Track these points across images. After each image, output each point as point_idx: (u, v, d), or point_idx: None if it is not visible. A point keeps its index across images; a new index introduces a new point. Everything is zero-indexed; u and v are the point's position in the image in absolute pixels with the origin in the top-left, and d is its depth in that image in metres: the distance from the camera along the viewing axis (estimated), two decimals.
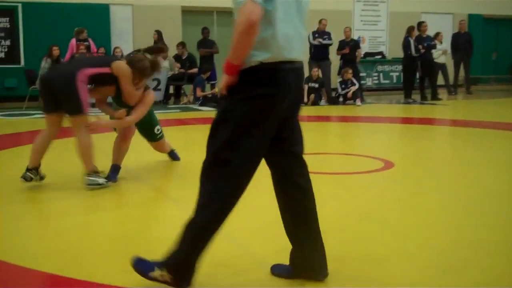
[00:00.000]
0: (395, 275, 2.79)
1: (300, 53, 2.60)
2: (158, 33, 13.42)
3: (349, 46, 13.54)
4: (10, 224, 3.69)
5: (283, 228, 3.56)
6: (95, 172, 4.51)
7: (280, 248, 3.17)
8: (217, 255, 3.05)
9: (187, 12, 15.65)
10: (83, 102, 4.44)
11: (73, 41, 12.66)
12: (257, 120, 2.50)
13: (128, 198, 4.51)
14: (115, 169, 4.87)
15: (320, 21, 13.47)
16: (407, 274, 2.80)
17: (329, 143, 8.04)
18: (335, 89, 13.26)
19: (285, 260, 2.95)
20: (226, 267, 2.88)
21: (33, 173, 4.64)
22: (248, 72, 2.46)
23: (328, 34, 13.40)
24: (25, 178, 4.61)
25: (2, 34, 13.47)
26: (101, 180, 4.52)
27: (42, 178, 4.74)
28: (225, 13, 16.14)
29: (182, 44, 13.62)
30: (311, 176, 2.82)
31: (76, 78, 4.40)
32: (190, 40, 14.37)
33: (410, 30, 13.66)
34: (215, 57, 13.99)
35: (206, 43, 13.75)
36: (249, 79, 2.46)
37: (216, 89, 13.09)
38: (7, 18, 13.59)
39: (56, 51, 11.89)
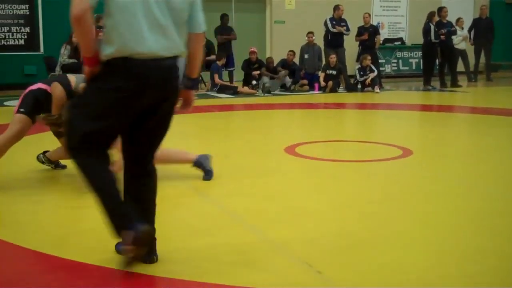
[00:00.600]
0: (413, 260, 2.78)
1: (163, 46, 2.56)
2: None
3: (368, 32, 13.42)
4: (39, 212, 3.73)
5: (301, 215, 3.57)
6: None
7: (299, 234, 3.18)
8: (234, 242, 3.07)
9: None
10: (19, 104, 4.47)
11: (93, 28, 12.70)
12: (107, 110, 2.52)
13: None
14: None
15: (337, 7, 13.34)
16: (425, 261, 2.79)
17: (347, 130, 8.00)
18: (353, 76, 13.17)
19: (304, 245, 2.96)
20: (243, 254, 2.88)
21: (45, 158, 4.79)
22: (103, 64, 2.52)
23: (345, 21, 13.31)
24: (38, 159, 4.79)
25: (22, 21, 13.55)
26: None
27: (58, 166, 4.81)
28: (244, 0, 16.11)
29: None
30: (330, 163, 2.77)
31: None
32: (207, 26, 14.32)
33: (430, 15, 13.49)
34: (233, 44, 13.96)
35: (224, 30, 13.72)
36: (102, 71, 2.52)
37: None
38: (27, 5, 13.65)
39: (75, 38, 11.93)
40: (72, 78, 4.36)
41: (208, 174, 4.44)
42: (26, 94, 4.49)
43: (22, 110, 4.40)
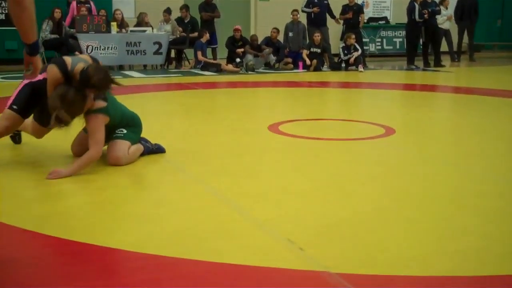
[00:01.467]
0: (393, 238, 2.80)
1: None
2: (167, 11, 13.18)
3: (353, 11, 13.40)
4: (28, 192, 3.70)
5: (284, 193, 3.58)
6: None
7: (282, 212, 3.19)
8: (217, 219, 3.07)
9: None
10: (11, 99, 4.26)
11: (74, 3, 12.54)
12: None
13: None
14: None
15: None
16: (406, 239, 2.81)
17: (330, 109, 8.01)
18: (337, 55, 13.16)
19: (287, 223, 2.97)
20: (225, 231, 2.89)
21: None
22: None
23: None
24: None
25: None
26: None
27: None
28: None
29: (185, 7, 13.46)
30: (313, 141, 2.77)
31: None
32: (191, 2, 14.22)
33: None
34: (217, 21, 13.85)
35: (208, 7, 13.60)
36: None
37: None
38: None
39: (57, 13, 11.77)
40: (68, 59, 4.17)
41: (161, 150, 4.51)
42: (22, 88, 4.24)
43: (15, 107, 4.19)
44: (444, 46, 14.58)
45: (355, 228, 2.97)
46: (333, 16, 13.49)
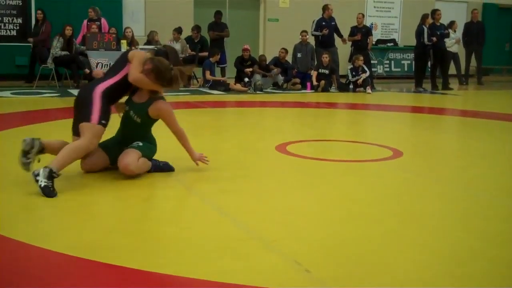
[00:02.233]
0: (400, 260, 2.79)
1: None
2: (178, 31, 13.31)
3: (361, 33, 13.47)
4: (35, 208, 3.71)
5: (290, 213, 3.58)
6: (55, 175, 3.82)
7: (288, 233, 3.18)
8: (223, 238, 3.07)
9: None
10: (93, 113, 4.13)
11: (85, 21, 12.67)
12: None
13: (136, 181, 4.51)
14: None
15: (326, 7, 13.34)
16: (413, 262, 2.79)
17: (338, 130, 8.02)
18: (345, 76, 13.20)
19: (294, 244, 2.96)
20: (231, 250, 2.89)
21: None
22: None
23: (334, 20, 13.34)
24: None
25: (14, 12, 13.48)
26: (49, 185, 3.75)
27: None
28: None
29: (197, 28, 13.57)
30: (320, 162, 2.77)
31: (94, 92, 4.20)
32: (201, 22, 14.34)
33: (424, 17, 13.55)
34: (226, 41, 13.95)
35: (217, 26, 13.70)
36: None
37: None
38: None
39: (68, 31, 11.88)
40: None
41: (169, 168, 4.55)
42: (102, 101, 4.18)
43: (104, 122, 4.16)
44: (452, 69, 14.62)
45: (361, 250, 2.96)
46: (340, 35, 13.52)
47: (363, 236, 3.17)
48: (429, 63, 13.94)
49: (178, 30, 13.28)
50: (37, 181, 3.72)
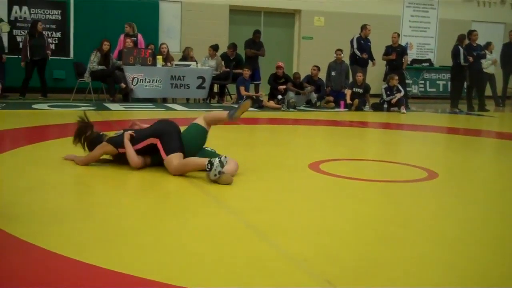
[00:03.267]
0: (432, 285, 2.73)
1: None
2: (214, 48, 13.46)
3: (396, 52, 13.40)
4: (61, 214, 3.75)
5: (323, 232, 3.55)
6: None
7: (320, 252, 3.15)
8: (254, 256, 3.05)
9: (234, 11, 15.74)
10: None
11: (122, 36, 12.87)
12: None
13: (167, 196, 4.53)
14: None
15: (364, 27, 13.36)
16: (444, 285, 2.74)
17: (371, 149, 7.95)
18: (380, 95, 13.13)
19: (325, 264, 2.93)
20: (262, 268, 2.86)
21: None
22: None
23: (370, 41, 13.37)
24: None
25: (54, 26, 13.77)
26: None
27: None
28: (273, 14, 16.19)
29: (233, 46, 13.67)
30: (354, 182, 2.74)
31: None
32: (236, 39, 14.44)
33: (461, 38, 13.43)
34: (260, 58, 14.01)
35: (254, 45, 13.78)
36: None
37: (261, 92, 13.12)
38: (59, 11, 13.89)
39: (106, 46, 12.08)
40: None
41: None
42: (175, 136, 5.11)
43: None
44: (488, 91, 14.43)
45: (394, 272, 2.91)
46: (371, 58, 13.51)
47: (396, 258, 3.12)
48: (465, 84, 13.79)
49: (214, 47, 13.38)
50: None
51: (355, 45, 13.19)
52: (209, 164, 4.62)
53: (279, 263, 2.97)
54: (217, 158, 4.64)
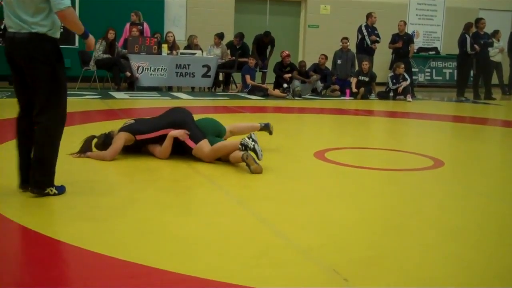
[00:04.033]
0: (440, 275, 2.73)
1: (10, 23, 3.69)
2: (219, 36, 13.42)
3: (402, 40, 13.32)
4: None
5: (329, 222, 3.54)
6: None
7: (326, 241, 3.15)
8: (261, 245, 3.05)
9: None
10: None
11: (127, 24, 12.84)
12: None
13: (175, 186, 4.54)
14: None
15: (370, 15, 13.28)
16: (453, 276, 2.73)
17: (377, 138, 7.93)
18: (386, 84, 13.07)
19: (332, 253, 2.93)
20: (269, 258, 2.87)
21: None
22: None
23: (376, 30, 13.29)
24: None
25: None
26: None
27: None
28: (278, 2, 16.11)
29: (240, 36, 13.60)
30: (359, 171, 2.73)
31: None
32: (241, 28, 14.39)
33: (468, 26, 13.33)
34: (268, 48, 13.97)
35: (262, 43, 13.79)
36: None
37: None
38: None
39: (111, 34, 12.05)
40: None
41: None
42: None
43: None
44: (495, 79, 14.35)
45: (400, 261, 2.91)
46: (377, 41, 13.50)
47: (402, 248, 3.12)
48: (471, 72, 13.71)
49: (220, 36, 13.34)
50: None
51: (365, 33, 13.11)
52: (242, 146, 4.83)
53: (286, 253, 2.97)
54: (245, 136, 4.90)
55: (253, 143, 4.81)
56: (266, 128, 5.92)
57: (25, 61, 3.67)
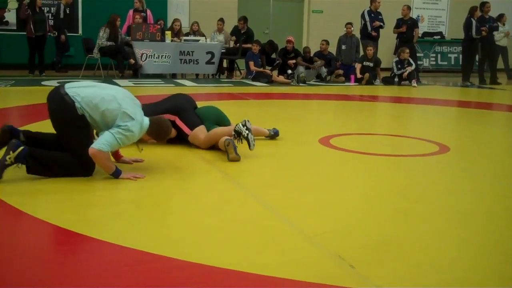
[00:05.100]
0: (447, 259, 2.72)
1: None
2: (222, 20, 13.35)
3: (407, 25, 13.24)
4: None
5: (334, 208, 3.54)
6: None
7: (332, 227, 3.14)
8: (267, 232, 3.05)
9: None
10: None
11: (131, 11, 12.78)
12: None
13: (179, 172, 4.53)
14: None
15: (374, 0, 13.21)
16: (459, 260, 2.73)
17: (382, 124, 7.91)
18: (391, 69, 13.02)
19: (337, 239, 2.92)
20: (275, 244, 2.87)
21: None
22: None
23: (381, 14, 13.20)
24: None
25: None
26: None
27: None
28: None
29: (244, 19, 13.52)
30: (365, 156, 2.72)
31: None
32: (244, 13, 14.32)
33: (473, 10, 13.23)
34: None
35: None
36: None
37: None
38: None
39: (119, 22, 12.01)
40: None
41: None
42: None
43: None
44: (500, 63, 14.27)
45: (407, 247, 2.90)
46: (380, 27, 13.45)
47: (408, 233, 3.11)
48: (477, 57, 13.63)
49: (222, 20, 13.32)
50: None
51: (367, 19, 13.05)
52: (235, 133, 4.77)
53: (292, 239, 2.97)
54: (239, 123, 4.81)
55: (247, 131, 4.76)
56: (274, 136, 5.66)
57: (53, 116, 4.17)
